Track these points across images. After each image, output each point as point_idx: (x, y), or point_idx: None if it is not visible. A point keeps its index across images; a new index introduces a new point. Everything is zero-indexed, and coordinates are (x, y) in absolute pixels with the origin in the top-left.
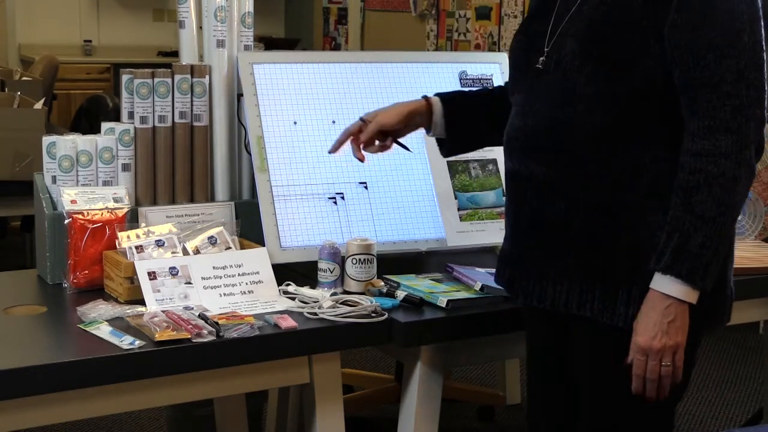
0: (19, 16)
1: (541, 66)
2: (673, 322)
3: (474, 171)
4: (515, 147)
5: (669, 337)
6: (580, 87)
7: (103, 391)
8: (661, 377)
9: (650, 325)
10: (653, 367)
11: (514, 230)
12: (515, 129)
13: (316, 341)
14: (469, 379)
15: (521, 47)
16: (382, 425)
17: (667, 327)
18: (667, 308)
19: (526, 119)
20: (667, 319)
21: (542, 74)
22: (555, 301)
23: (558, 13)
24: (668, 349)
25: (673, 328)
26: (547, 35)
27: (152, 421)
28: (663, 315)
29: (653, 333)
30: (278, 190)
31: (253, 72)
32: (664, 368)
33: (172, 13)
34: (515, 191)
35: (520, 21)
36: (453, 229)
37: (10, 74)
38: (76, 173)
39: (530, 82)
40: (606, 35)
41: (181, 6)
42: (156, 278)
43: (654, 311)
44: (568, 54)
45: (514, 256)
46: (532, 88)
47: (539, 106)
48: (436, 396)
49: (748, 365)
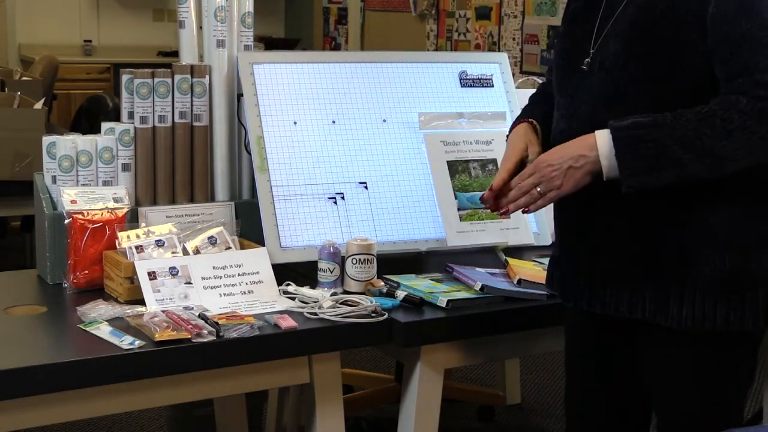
0: (19, 16)
1: (585, 68)
2: (574, 168)
3: (474, 171)
4: None
5: (560, 175)
6: (623, 87)
7: (103, 391)
8: (523, 193)
9: (561, 153)
10: (527, 184)
11: (562, 234)
12: (560, 132)
13: (316, 341)
14: (469, 379)
15: (565, 49)
16: (382, 425)
17: (566, 168)
18: (582, 155)
19: (570, 122)
20: (573, 162)
21: (587, 76)
22: (606, 305)
23: (603, 14)
24: (552, 182)
25: (569, 173)
26: (592, 37)
27: (152, 421)
28: (575, 156)
29: (554, 160)
30: (278, 190)
31: (253, 72)
32: (537, 193)
33: (172, 13)
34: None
35: (520, 21)
36: (453, 229)
37: (10, 74)
38: (76, 173)
39: (575, 84)
40: (650, 33)
41: (181, 6)
42: (156, 278)
43: (574, 145)
44: (611, 54)
45: (563, 260)
46: (577, 90)
47: (584, 109)
48: (436, 396)
49: None
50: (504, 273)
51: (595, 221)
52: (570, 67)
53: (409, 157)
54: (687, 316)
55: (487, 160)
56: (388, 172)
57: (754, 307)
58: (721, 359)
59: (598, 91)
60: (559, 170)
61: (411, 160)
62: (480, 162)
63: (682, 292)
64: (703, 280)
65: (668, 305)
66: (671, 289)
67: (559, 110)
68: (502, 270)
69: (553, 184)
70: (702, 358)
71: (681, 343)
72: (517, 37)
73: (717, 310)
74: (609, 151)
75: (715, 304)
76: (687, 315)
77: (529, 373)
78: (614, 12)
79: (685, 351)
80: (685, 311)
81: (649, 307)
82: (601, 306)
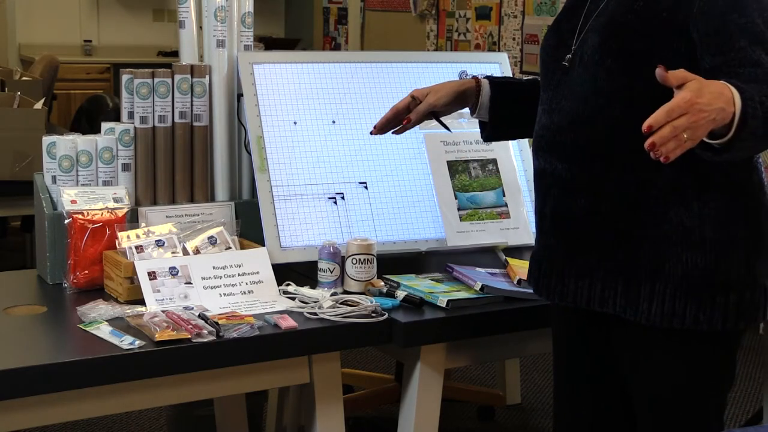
0: (19, 16)
1: (567, 63)
2: (715, 120)
3: (474, 171)
4: (541, 145)
5: (707, 124)
6: (600, 81)
7: (103, 391)
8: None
9: (709, 98)
10: (683, 125)
11: (540, 228)
12: (542, 127)
13: (316, 341)
14: (469, 379)
15: (551, 45)
16: (382, 425)
17: (712, 119)
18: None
19: (552, 117)
20: (717, 113)
21: (568, 71)
22: (577, 298)
23: (588, 10)
24: (699, 129)
25: (709, 125)
26: (576, 33)
27: (152, 421)
28: (719, 109)
29: (707, 106)
30: (278, 190)
31: (253, 72)
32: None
33: (172, 13)
34: (541, 189)
35: (520, 21)
36: (453, 229)
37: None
38: (76, 173)
39: (557, 79)
40: (625, 28)
41: (181, 6)
42: (156, 278)
43: (717, 94)
44: (589, 49)
45: (543, 255)
46: (559, 86)
47: (564, 104)
48: (436, 396)
49: (748, 365)
50: (504, 273)
51: (571, 216)
52: (553, 63)
53: (409, 157)
54: (656, 313)
55: (487, 160)
56: (388, 172)
57: (724, 308)
58: (694, 358)
59: (578, 86)
60: (706, 119)
61: (411, 160)
62: (480, 162)
63: (653, 289)
64: (675, 278)
65: (639, 301)
66: (642, 284)
67: (543, 105)
68: (502, 270)
69: (698, 134)
70: (675, 356)
71: (654, 341)
72: (517, 37)
73: (687, 308)
74: (738, 112)
75: (685, 303)
76: (656, 311)
77: (529, 373)
78: (598, 8)
79: (656, 349)
80: (655, 308)
81: (620, 301)
82: (573, 299)
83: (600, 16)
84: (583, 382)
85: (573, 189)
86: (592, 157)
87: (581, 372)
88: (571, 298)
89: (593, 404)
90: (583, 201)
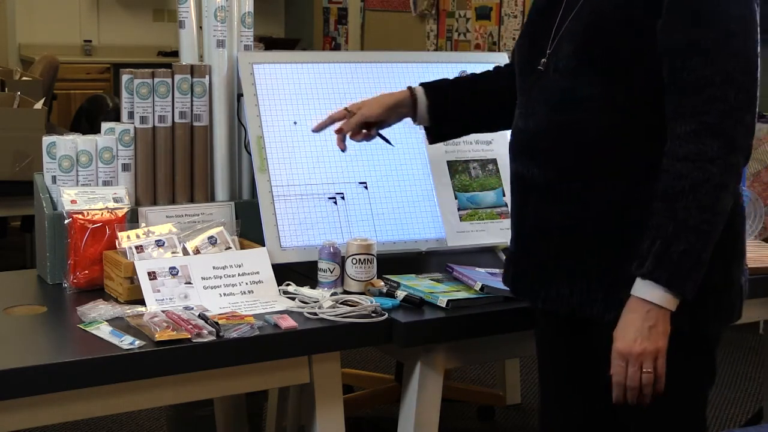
0: (19, 16)
1: (542, 68)
2: (654, 327)
3: (474, 171)
4: (518, 149)
5: (650, 342)
6: (579, 89)
7: (103, 391)
8: (642, 385)
9: (630, 330)
10: (633, 373)
11: (518, 232)
12: (519, 131)
13: (316, 341)
14: (469, 379)
15: (524, 49)
16: (382, 425)
17: (648, 332)
18: (648, 313)
19: (527, 121)
20: (648, 324)
21: (543, 76)
22: (559, 302)
23: (562, 15)
24: (648, 354)
25: (654, 333)
26: (550, 37)
27: (152, 421)
28: (644, 320)
29: (633, 338)
30: (278, 190)
31: (253, 72)
32: (645, 375)
33: (172, 13)
34: (519, 193)
35: (520, 21)
36: (453, 229)
37: (10, 74)
38: (76, 173)
39: (532, 83)
40: (601, 37)
41: (181, 6)
42: (156, 278)
43: (634, 315)
44: (565, 56)
45: (520, 257)
46: (533, 90)
47: (539, 108)
48: (436, 396)
49: (748, 365)
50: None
51: (551, 222)
52: (528, 67)
53: (409, 157)
54: None
55: (487, 160)
56: (388, 172)
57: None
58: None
59: (553, 91)
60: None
61: (411, 160)
62: (480, 162)
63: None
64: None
65: (621, 305)
66: (624, 289)
67: (519, 108)
68: (502, 270)
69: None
70: None
71: None
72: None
73: None
74: (667, 299)
75: None
76: None
77: (528, 373)
78: (572, 12)
79: None
80: None
81: (602, 306)
82: (556, 304)
83: (574, 22)
84: (571, 385)
85: (553, 195)
86: (571, 163)
87: (568, 375)
88: (554, 303)
89: (582, 407)
90: (564, 207)
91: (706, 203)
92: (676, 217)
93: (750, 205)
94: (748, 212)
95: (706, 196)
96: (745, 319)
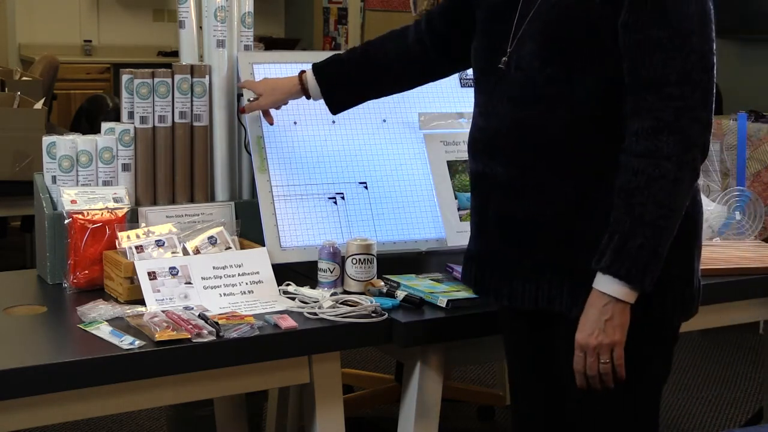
0: (19, 16)
1: (503, 66)
2: (610, 320)
3: None
4: (478, 148)
5: (606, 335)
6: (540, 88)
7: (103, 391)
8: (600, 374)
9: (589, 322)
10: (591, 363)
11: (480, 230)
12: (478, 130)
13: (316, 341)
14: (469, 379)
15: (483, 47)
16: (382, 425)
17: (605, 325)
18: (605, 306)
19: (488, 120)
20: (605, 317)
21: (504, 75)
22: (525, 299)
23: (521, 13)
24: (605, 346)
25: (610, 327)
26: (510, 36)
27: (152, 421)
28: (601, 313)
29: (590, 330)
30: (278, 190)
31: (253, 72)
32: (603, 365)
33: (172, 13)
34: (480, 192)
35: None
36: (453, 229)
37: (10, 74)
38: (76, 173)
39: (492, 82)
40: (563, 35)
41: (181, 6)
42: (156, 278)
43: (593, 309)
44: (527, 54)
45: (482, 256)
46: (494, 89)
47: (501, 107)
48: (436, 396)
49: (748, 365)
50: None
51: (515, 218)
52: (488, 66)
53: (409, 157)
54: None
55: None
56: (388, 172)
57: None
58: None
59: (516, 90)
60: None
61: (411, 160)
62: None
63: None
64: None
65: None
66: (588, 283)
67: (478, 107)
68: None
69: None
70: None
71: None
72: None
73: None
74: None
75: None
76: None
77: None
78: (530, 11)
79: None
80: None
81: (566, 300)
82: (521, 301)
83: (535, 21)
84: (536, 381)
85: (515, 193)
86: (534, 161)
87: (533, 370)
88: (519, 300)
89: (545, 400)
90: (526, 204)
91: (662, 199)
92: (633, 212)
93: (750, 204)
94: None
95: (662, 192)
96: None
